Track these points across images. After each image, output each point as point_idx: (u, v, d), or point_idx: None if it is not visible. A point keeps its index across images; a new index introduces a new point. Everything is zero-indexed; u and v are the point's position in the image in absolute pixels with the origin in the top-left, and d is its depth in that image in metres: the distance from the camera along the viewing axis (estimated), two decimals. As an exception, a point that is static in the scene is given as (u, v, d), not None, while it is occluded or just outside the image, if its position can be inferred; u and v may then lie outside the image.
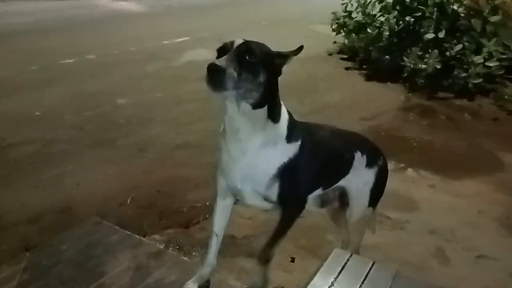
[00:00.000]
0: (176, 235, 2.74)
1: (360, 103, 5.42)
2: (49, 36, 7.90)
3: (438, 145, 4.28)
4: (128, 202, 3.14)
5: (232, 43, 1.52)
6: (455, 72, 5.76)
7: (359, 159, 1.99)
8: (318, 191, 1.96)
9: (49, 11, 10.11)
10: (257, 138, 1.62)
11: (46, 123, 4.41)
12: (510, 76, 6.08)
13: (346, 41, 7.54)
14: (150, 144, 4.03)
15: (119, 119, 4.58)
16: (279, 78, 1.63)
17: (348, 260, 1.64)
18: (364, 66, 6.84)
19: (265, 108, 1.59)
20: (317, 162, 1.82)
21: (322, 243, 2.65)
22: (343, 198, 2.08)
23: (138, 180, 3.43)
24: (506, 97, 5.63)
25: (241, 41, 1.52)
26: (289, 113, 1.74)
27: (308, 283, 1.55)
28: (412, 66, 5.87)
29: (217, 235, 1.96)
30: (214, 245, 1.96)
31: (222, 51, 1.52)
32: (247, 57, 1.47)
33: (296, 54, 1.61)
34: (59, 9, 10.29)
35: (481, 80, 5.64)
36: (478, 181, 3.59)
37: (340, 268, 1.59)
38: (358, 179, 2.01)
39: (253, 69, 1.48)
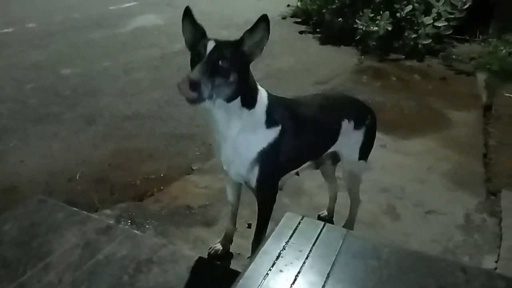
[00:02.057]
0: (129, 208, 2.66)
1: (314, 66, 5.41)
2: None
3: (389, 105, 4.36)
4: (77, 177, 3.02)
5: (205, 47, 1.53)
6: (406, 34, 5.85)
7: (347, 125, 2.04)
8: (307, 164, 2.08)
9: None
10: (234, 127, 1.69)
11: (-16, 98, 4.12)
12: (458, 36, 6.26)
13: (299, 3, 7.45)
14: (98, 116, 3.86)
15: (64, 90, 4.34)
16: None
17: (299, 223, 1.63)
18: (317, 30, 6.81)
19: (238, 98, 1.62)
20: (301, 142, 1.86)
21: (278, 207, 2.66)
22: (335, 156, 2.21)
23: (87, 154, 3.29)
24: (453, 56, 5.82)
25: (213, 44, 1.53)
26: (270, 97, 1.76)
27: (260, 248, 1.53)
28: (364, 28, 5.91)
29: (231, 204, 2.18)
30: (230, 212, 2.21)
31: (198, 54, 1.55)
32: (220, 63, 1.51)
33: (264, 27, 1.58)
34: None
35: (430, 40, 5.78)
36: (426, 139, 3.71)
37: (291, 232, 1.57)
38: (347, 141, 2.09)
39: (226, 72, 1.53)
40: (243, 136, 1.70)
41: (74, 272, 1.79)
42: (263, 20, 1.57)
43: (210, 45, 1.53)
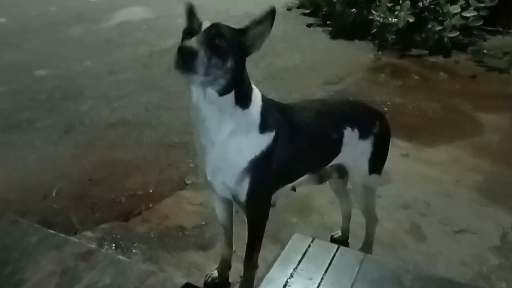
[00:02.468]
0: (113, 230, 2.66)
1: (324, 64, 5.43)
2: None
3: (410, 108, 4.36)
4: (54, 194, 3.02)
5: (199, 24, 1.54)
6: (429, 26, 5.86)
7: (350, 134, 2.02)
8: (305, 177, 2.05)
9: None
10: (226, 127, 1.65)
11: None
12: (489, 28, 6.25)
13: (306, -7, 7.49)
14: (78, 123, 3.88)
15: (39, 94, 4.38)
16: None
17: (309, 246, 1.63)
18: (327, 22, 6.83)
19: (232, 93, 1.61)
20: (296, 151, 1.85)
21: (285, 227, 2.65)
22: (341, 169, 2.19)
23: (66, 167, 3.30)
24: (485, 51, 5.80)
25: (209, 23, 1.54)
26: (264, 99, 1.75)
27: (264, 275, 1.53)
28: (381, 20, 5.92)
29: (224, 227, 2.15)
30: (224, 236, 2.18)
31: (189, 32, 1.54)
32: (216, 41, 1.50)
33: (270, 20, 1.58)
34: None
35: (457, 33, 5.78)
36: (453, 147, 3.70)
37: (300, 256, 1.58)
38: (353, 152, 2.07)
39: (223, 54, 1.51)
40: (234, 140, 1.68)
41: (50, 304, 1.78)
42: (271, 13, 1.58)
43: (206, 24, 1.54)
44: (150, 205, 2.92)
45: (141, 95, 4.36)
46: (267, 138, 1.73)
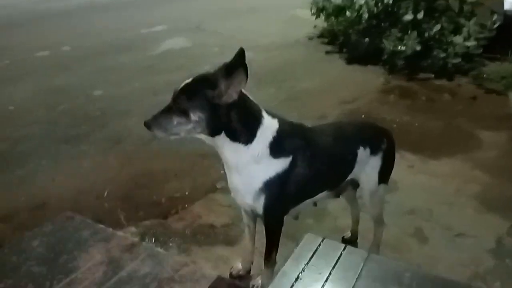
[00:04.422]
0: (153, 226, 2.71)
1: (340, 86, 5.41)
2: (21, 29, 7.71)
3: (417, 126, 4.29)
4: (105, 195, 3.10)
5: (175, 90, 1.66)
6: (434, 53, 5.78)
7: (362, 153, 2.03)
8: (324, 194, 2.06)
9: (19, 4, 9.87)
10: (233, 159, 1.72)
11: (19, 118, 4.32)
12: (489, 55, 6.14)
13: (325, 24, 7.50)
14: (126, 136, 3.97)
15: (94, 111, 4.50)
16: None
17: (320, 244, 1.63)
18: (344, 50, 6.82)
19: (223, 134, 1.65)
20: (315, 173, 1.84)
21: (301, 228, 2.65)
22: (354, 182, 2.19)
23: (115, 173, 3.38)
24: (484, 75, 5.69)
25: (177, 90, 1.63)
26: (281, 128, 1.73)
27: (278, 269, 1.54)
28: (391, 48, 5.87)
29: (248, 226, 2.16)
30: (247, 234, 2.19)
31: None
32: (177, 102, 1.61)
33: (242, 70, 1.53)
34: (31, 2, 10.04)
35: (460, 59, 5.68)
36: (455, 160, 3.62)
37: (311, 254, 1.58)
38: (365, 167, 2.07)
39: (184, 112, 1.59)
40: (247, 167, 1.71)
41: (98, 289, 1.83)
42: (241, 65, 1.53)
43: (176, 91, 1.63)
44: (186, 206, 2.97)
45: (180, 112, 4.42)
46: (283, 163, 1.73)
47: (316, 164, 1.83)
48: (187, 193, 3.12)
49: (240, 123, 1.64)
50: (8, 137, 3.93)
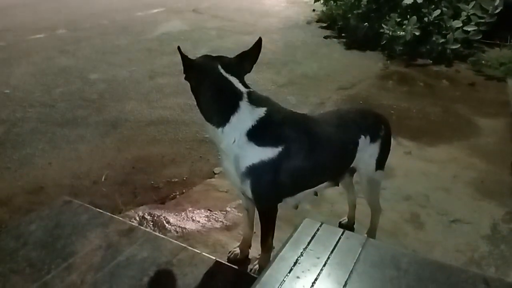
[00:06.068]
0: (151, 211, 2.71)
1: (338, 72, 5.38)
2: (16, 12, 7.59)
3: (415, 112, 4.29)
4: (103, 179, 3.09)
5: None
6: (433, 38, 5.75)
7: (363, 141, 2.02)
8: (325, 184, 2.05)
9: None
10: (215, 140, 1.80)
11: (15, 101, 4.27)
12: (488, 41, 6.11)
13: (324, 8, 7.43)
14: (123, 120, 3.95)
15: (91, 95, 4.46)
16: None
17: (318, 229, 1.63)
18: (343, 34, 6.78)
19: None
20: (312, 164, 1.84)
21: (298, 213, 2.65)
22: (352, 169, 2.19)
23: (112, 157, 3.37)
24: (483, 62, 5.68)
25: None
26: (266, 118, 1.71)
27: (277, 254, 1.54)
28: (390, 33, 5.84)
29: (247, 210, 2.17)
30: (246, 218, 2.21)
31: None
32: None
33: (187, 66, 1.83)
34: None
35: (458, 45, 5.66)
36: (453, 147, 3.63)
37: (309, 238, 1.58)
38: (364, 155, 2.07)
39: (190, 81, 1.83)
40: (230, 151, 1.74)
41: (96, 273, 1.84)
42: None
43: None
44: (184, 191, 2.97)
45: (177, 97, 4.40)
46: (270, 151, 1.71)
47: (315, 156, 1.82)
48: (185, 178, 3.12)
49: (206, 104, 1.76)
50: (4, 120, 3.90)
